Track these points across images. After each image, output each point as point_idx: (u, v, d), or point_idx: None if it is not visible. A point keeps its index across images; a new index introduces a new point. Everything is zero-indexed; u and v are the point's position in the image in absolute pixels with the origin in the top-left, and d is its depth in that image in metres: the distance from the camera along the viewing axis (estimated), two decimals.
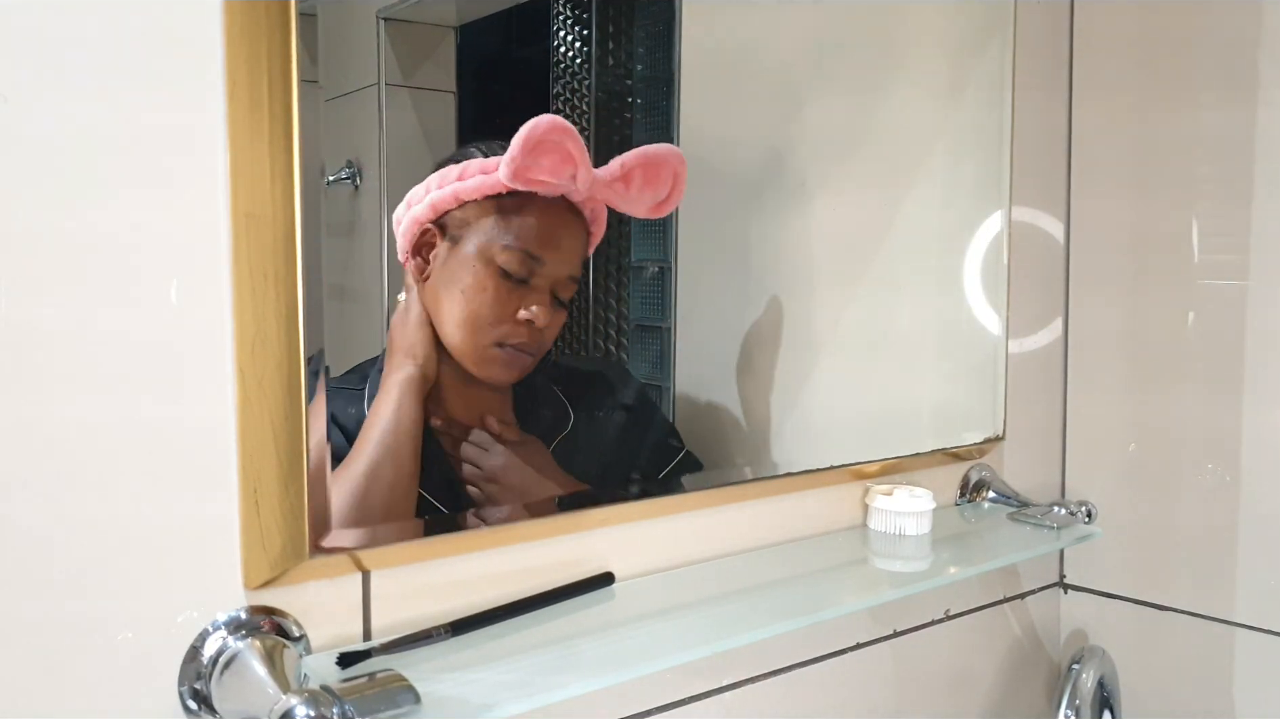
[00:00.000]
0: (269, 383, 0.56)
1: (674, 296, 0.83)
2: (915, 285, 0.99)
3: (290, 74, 0.56)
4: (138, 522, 0.54)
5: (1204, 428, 1.03)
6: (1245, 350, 1.00)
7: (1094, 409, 1.12)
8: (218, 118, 0.55)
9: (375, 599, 0.63)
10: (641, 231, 0.82)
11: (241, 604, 0.58)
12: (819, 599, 0.76)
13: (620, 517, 0.75)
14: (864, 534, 0.91)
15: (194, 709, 0.56)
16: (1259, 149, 0.98)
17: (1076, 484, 1.14)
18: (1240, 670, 1.03)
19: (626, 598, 0.73)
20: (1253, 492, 1.01)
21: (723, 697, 0.82)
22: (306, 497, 0.58)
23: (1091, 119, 1.10)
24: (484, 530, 0.68)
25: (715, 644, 0.67)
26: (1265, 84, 0.98)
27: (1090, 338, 1.12)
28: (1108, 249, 1.10)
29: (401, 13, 0.71)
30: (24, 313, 0.51)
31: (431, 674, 0.58)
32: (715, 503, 0.81)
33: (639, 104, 0.81)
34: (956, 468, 1.02)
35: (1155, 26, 1.05)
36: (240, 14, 0.55)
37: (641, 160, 0.73)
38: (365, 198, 0.70)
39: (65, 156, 0.51)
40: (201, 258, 0.55)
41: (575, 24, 0.79)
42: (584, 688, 0.60)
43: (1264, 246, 0.99)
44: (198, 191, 0.55)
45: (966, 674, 1.05)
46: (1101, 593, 1.12)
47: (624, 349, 0.82)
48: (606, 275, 0.80)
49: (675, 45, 0.82)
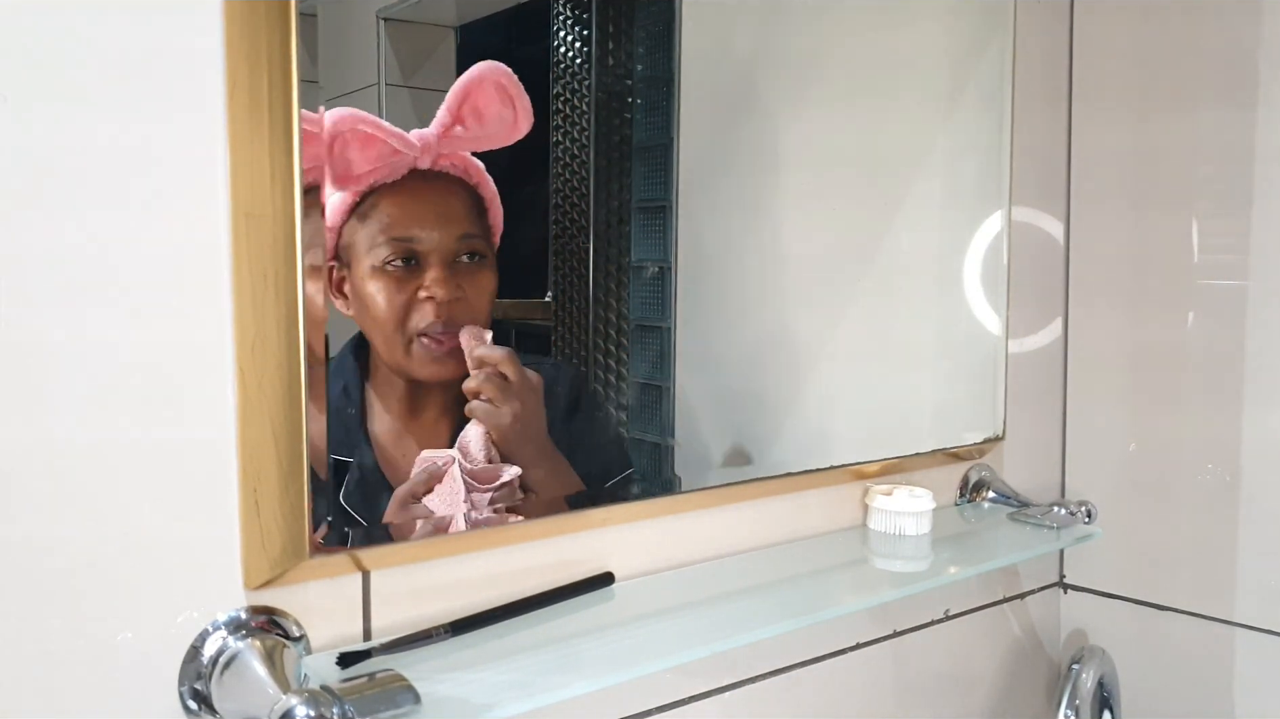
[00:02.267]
0: (269, 383, 0.56)
1: (674, 296, 0.83)
2: (915, 285, 0.99)
3: (290, 74, 0.56)
4: (138, 522, 0.54)
5: (1204, 428, 1.03)
6: (1245, 351, 1.00)
7: (1094, 409, 1.12)
8: (218, 118, 0.55)
9: (375, 599, 0.63)
10: (641, 231, 0.82)
11: (241, 604, 0.58)
12: (819, 599, 0.76)
13: (620, 517, 0.75)
14: (864, 534, 0.91)
15: (194, 709, 0.56)
16: (1259, 142, 0.98)
17: (1076, 484, 1.14)
18: (1240, 670, 1.03)
19: (626, 598, 0.73)
20: (1253, 492, 1.01)
21: (723, 697, 0.82)
22: (306, 497, 0.58)
23: (1091, 112, 1.10)
24: (484, 530, 0.68)
25: (715, 644, 0.67)
26: (1265, 89, 0.98)
27: (1090, 338, 1.12)
28: (1108, 249, 1.10)
29: (401, 13, 0.71)
30: (22, 314, 0.51)
31: (431, 674, 0.58)
32: (715, 503, 0.81)
33: (639, 104, 0.81)
34: (956, 468, 1.02)
35: (1154, 32, 1.05)
36: (240, 14, 0.55)
37: (462, 94, 0.71)
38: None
39: (65, 156, 0.51)
40: (201, 258, 0.55)
41: (575, 24, 0.79)
42: (584, 688, 0.60)
43: (1264, 246, 0.99)
44: (198, 191, 0.55)
45: (966, 674, 1.05)
46: (1101, 593, 1.12)
47: (624, 349, 0.82)
48: (606, 275, 0.80)
49: (675, 45, 0.82)
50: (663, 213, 0.83)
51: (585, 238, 0.80)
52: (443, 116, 0.71)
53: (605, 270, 0.80)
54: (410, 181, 0.71)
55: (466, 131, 0.72)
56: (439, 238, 0.71)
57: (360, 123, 0.67)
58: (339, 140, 0.67)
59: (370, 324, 0.71)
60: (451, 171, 0.72)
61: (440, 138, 0.71)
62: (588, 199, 0.79)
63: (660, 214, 0.83)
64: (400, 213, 0.70)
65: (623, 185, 0.81)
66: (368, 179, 0.69)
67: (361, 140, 0.68)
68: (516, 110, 0.73)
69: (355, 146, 0.68)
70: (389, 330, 0.70)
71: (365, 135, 0.68)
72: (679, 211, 0.82)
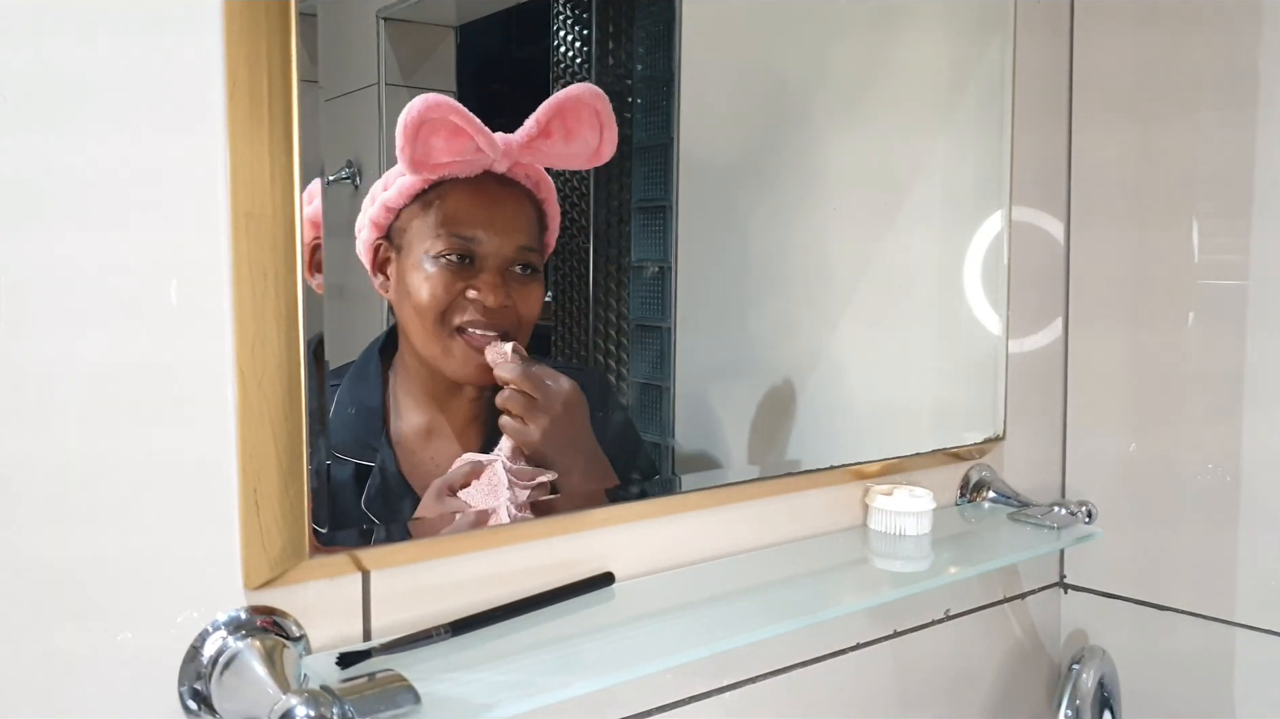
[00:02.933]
0: (269, 383, 0.56)
1: (674, 296, 0.83)
2: (916, 285, 0.99)
3: (290, 74, 0.56)
4: (138, 522, 0.54)
5: (1204, 428, 1.03)
6: (1246, 350, 1.00)
7: (1094, 409, 1.12)
8: (218, 117, 0.55)
9: (375, 599, 0.63)
10: (641, 231, 0.82)
11: (241, 604, 0.58)
12: (819, 599, 0.76)
13: (620, 517, 0.75)
14: (864, 534, 0.91)
15: (194, 709, 0.56)
16: (1259, 142, 0.98)
17: (1076, 484, 1.14)
18: (1240, 670, 1.03)
19: (626, 598, 0.73)
20: (1253, 492, 1.01)
21: (723, 697, 0.82)
22: (306, 497, 0.58)
23: (1092, 111, 1.10)
24: (484, 530, 0.68)
25: (715, 644, 0.67)
26: (1265, 95, 0.98)
27: (1091, 338, 1.12)
28: (1108, 250, 1.10)
29: (401, 13, 0.71)
30: (23, 313, 0.51)
31: (431, 674, 0.58)
32: (715, 503, 0.81)
33: (639, 104, 0.81)
34: (956, 468, 1.02)
35: (1154, 38, 1.05)
36: (240, 14, 0.55)
37: (555, 109, 0.72)
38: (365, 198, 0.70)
39: (65, 157, 0.51)
40: (201, 258, 0.55)
41: (575, 24, 0.79)
42: (584, 688, 0.60)
43: (1265, 246, 0.99)
44: (198, 191, 0.55)
45: (966, 674, 1.05)
46: (1101, 593, 1.12)
47: (624, 349, 0.82)
48: (606, 275, 0.80)
49: (675, 45, 0.82)
50: (663, 213, 0.83)
51: (585, 238, 0.80)
52: (530, 127, 0.71)
53: (605, 270, 0.80)
54: (482, 182, 0.71)
55: (550, 147, 0.72)
56: (499, 243, 0.71)
57: (453, 113, 0.67)
58: (426, 126, 0.67)
59: (408, 313, 0.70)
60: (524, 182, 0.72)
61: (523, 147, 0.71)
62: (588, 199, 0.79)
63: (660, 214, 0.83)
64: (465, 210, 0.70)
65: (623, 185, 0.81)
66: (443, 169, 0.69)
67: (449, 130, 0.68)
68: (603, 138, 0.74)
69: (442, 135, 0.67)
70: (428, 322, 0.70)
71: (454, 126, 0.68)
72: (679, 211, 0.82)
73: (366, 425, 0.70)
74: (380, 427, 0.71)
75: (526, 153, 0.71)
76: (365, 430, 0.69)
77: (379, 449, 0.70)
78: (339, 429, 0.67)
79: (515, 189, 0.72)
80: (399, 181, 0.68)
